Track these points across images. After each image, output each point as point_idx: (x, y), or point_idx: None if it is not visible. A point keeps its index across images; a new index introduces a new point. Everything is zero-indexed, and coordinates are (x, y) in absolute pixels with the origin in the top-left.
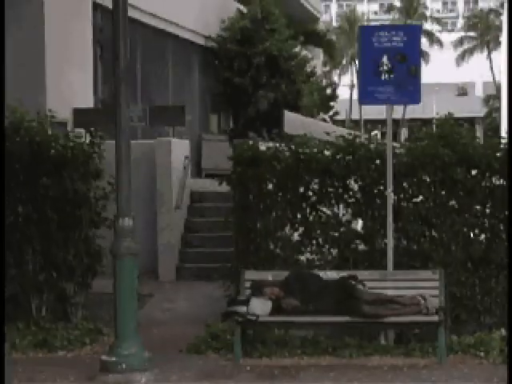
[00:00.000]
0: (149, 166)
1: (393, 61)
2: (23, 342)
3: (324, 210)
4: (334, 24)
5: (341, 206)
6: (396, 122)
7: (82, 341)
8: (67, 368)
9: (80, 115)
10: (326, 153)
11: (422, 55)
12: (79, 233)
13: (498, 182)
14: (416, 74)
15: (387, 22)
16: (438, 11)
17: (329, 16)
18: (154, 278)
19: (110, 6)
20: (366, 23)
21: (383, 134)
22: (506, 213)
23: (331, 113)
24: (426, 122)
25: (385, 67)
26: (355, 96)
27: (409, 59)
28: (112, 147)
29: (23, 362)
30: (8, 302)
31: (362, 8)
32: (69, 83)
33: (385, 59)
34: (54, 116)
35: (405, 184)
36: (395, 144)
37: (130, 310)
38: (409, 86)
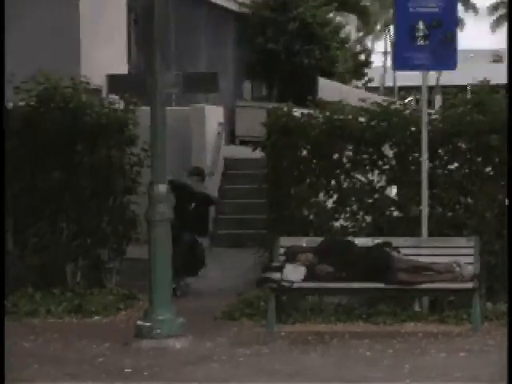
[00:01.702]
0: (183, 133)
1: (428, 26)
2: (58, 308)
3: (358, 176)
4: None
5: (375, 172)
6: (430, 89)
7: (116, 306)
8: (102, 333)
9: (114, 82)
10: (361, 119)
11: (458, 21)
12: (113, 200)
13: None
14: (452, 40)
15: None
16: None
17: None
18: None
19: None
20: None
21: (417, 101)
22: None
23: (365, 79)
24: (461, 88)
25: (420, 33)
26: (389, 63)
27: (445, 25)
28: (146, 114)
29: (59, 326)
30: (43, 269)
31: None
32: (103, 51)
33: (420, 25)
34: (88, 83)
35: (440, 151)
36: (430, 111)
37: (164, 276)
38: (445, 52)
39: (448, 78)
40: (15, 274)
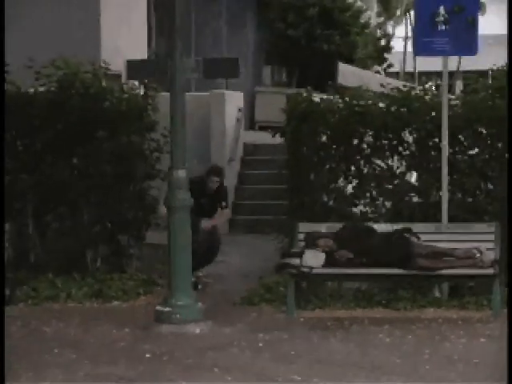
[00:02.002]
0: (203, 119)
1: (449, 11)
2: (79, 293)
3: (378, 162)
4: None
5: (395, 158)
6: (451, 74)
7: (136, 291)
8: (122, 318)
9: (133, 67)
10: (381, 105)
11: (479, 6)
12: (134, 185)
13: None
14: (473, 25)
15: None
16: None
17: None
18: None
19: None
20: None
21: (438, 86)
22: None
23: (385, 65)
24: (482, 74)
25: (441, 18)
26: (409, 48)
27: (466, 9)
28: (166, 100)
29: (79, 311)
30: (63, 254)
31: None
32: (123, 36)
33: (441, 9)
34: (108, 68)
35: (460, 136)
36: (451, 96)
37: (184, 261)
38: (466, 37)
39: (469, 62)
40: (35, 259)
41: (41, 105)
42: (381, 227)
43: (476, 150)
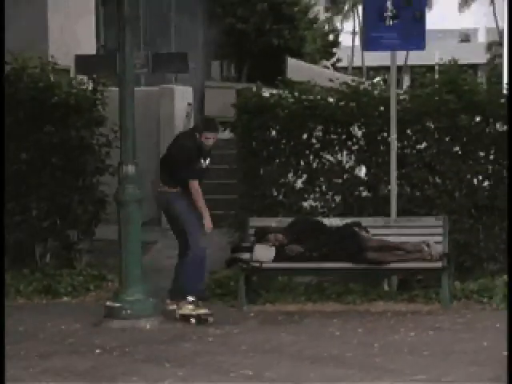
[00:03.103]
0: (152, 114)
1: (397, 6)
2: (28, 288)
3: (327, 157)
4: None
5: (344, 153)
6: (399, 69)
7: (86, 287)
8: (72, 314)
9: (82, 62)
10: (330, 100)
11: (426, 1)
12: (83, 180)
13: (501, 129)
14: (421, 20)
15: None
16: None
17: None
18: (158, 226)
19: None
20: None
21: (385, 81)
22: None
23: (334, 59)
24: (429, 68)
25: (389, 12)
26: (357, 42)
27: (413, 4)
28: (115, 94)
29: (28, 307)
30: (13, 249)
31: None
32: (71, 30)
33: (389, 4)
34: (56, 63)
35: (408, 131)
36: (399, 91)
37: (134, 256)
38: (414, 32)
39: (416, 57)
40: None
41: None
42: (331, 221)
43: (424, 144)
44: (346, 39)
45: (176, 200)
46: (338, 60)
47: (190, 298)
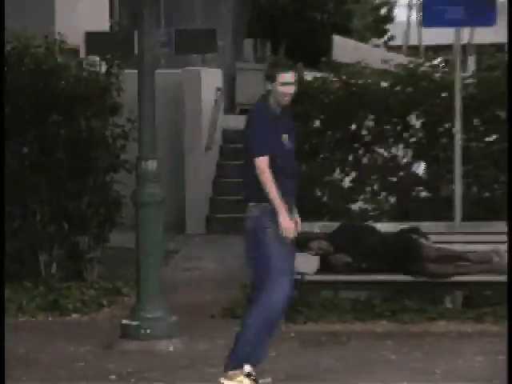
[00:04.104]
0: (174, 101)
1: None
2: (31, 304)
3: (380, 151)
4: None
5: (400, 146)
6: (463, 49)
7: (98, 302)
8: (82, 334)
9: (94, 40)
10: (383, 84)
11: None
12: (94, 178)
13: None
14: None
15: None
16: None
17: None
18: (181, 231)
19: None
20: None
21: (446, 63)
22: None
23: (386, 37)
24: (500, 47)
25: None
26: (414, 17)
27: None
28: (132, 78)
29: (31, 326)
30: (13, 259)
31: None
32: (81, 5)
33: None
34: (64, 41)
35: (475, 121)
36: (464, 74)
37: (154, 266)
38: (482, 6)
39: (484, 35)
40: None
41: None
42: (383, 227)
43: (493, 136)
44: (400, 14)
45: (265, 221)
46: (391, 38)
47: (248, 369)
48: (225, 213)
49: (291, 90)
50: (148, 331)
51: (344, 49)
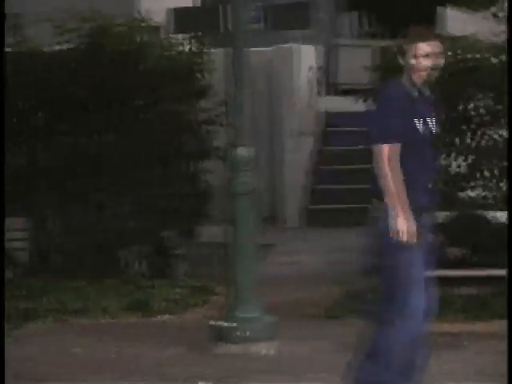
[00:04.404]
0: (265, 81)
1: None
2: (113, 304)
3: (491, 133)
4: None
5: None
6: None
7: (186, 302)
8: (169, 336)
9: (179, 17)
10: (495, 59)
11: None
12: (182, 167)
13: None
14: None
15: None
16: None
17: None
18: (276, 224)
19: None
20: None
21: None
22: None
23: (495, 8)
24: None
25: None
26: None
27: None
28: (220, 58)
29: (114, 328)
30: (94, 256)
31: None
32: None
33: None
34: (146, 19)
35: None
36: None
37: (248, 262)
38: None
39: None
40: (58, 262)
41: (60, 66)
42: (497, 216)
43: None
44: None
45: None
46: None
47: None
48: (325, 203)
49: (433, 62)
50: (241, 333)
51: (453, 20)
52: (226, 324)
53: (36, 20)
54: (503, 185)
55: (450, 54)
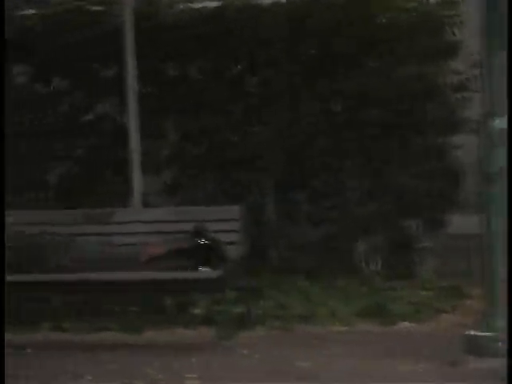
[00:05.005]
0: None
1: None
2: (344, 309)
3: None
4: None
5: None
6: None
7: (434, 307)
8: (414, 347)
9: None
10: None
11: None
12: (426, 141)
13: None
14: None
15: None
16: None
17: None
18: None
19: None
20: None
21: None
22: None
23: None
24: None
25: None
26: None
27: None
28: (475, 8)
29: (347, 337)
30: (321, 251)
31: None
32: None
33: None
34: None
35: None
36: None
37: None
38: None
39: None
40: (277, 258)
41: (276, 21)
42: None
43: None
44: None
45: None
46: None
47: None
48: None
49: None
50: (505, 345)
51: None
52: (481, 334)
53: None
54: None
55: None
